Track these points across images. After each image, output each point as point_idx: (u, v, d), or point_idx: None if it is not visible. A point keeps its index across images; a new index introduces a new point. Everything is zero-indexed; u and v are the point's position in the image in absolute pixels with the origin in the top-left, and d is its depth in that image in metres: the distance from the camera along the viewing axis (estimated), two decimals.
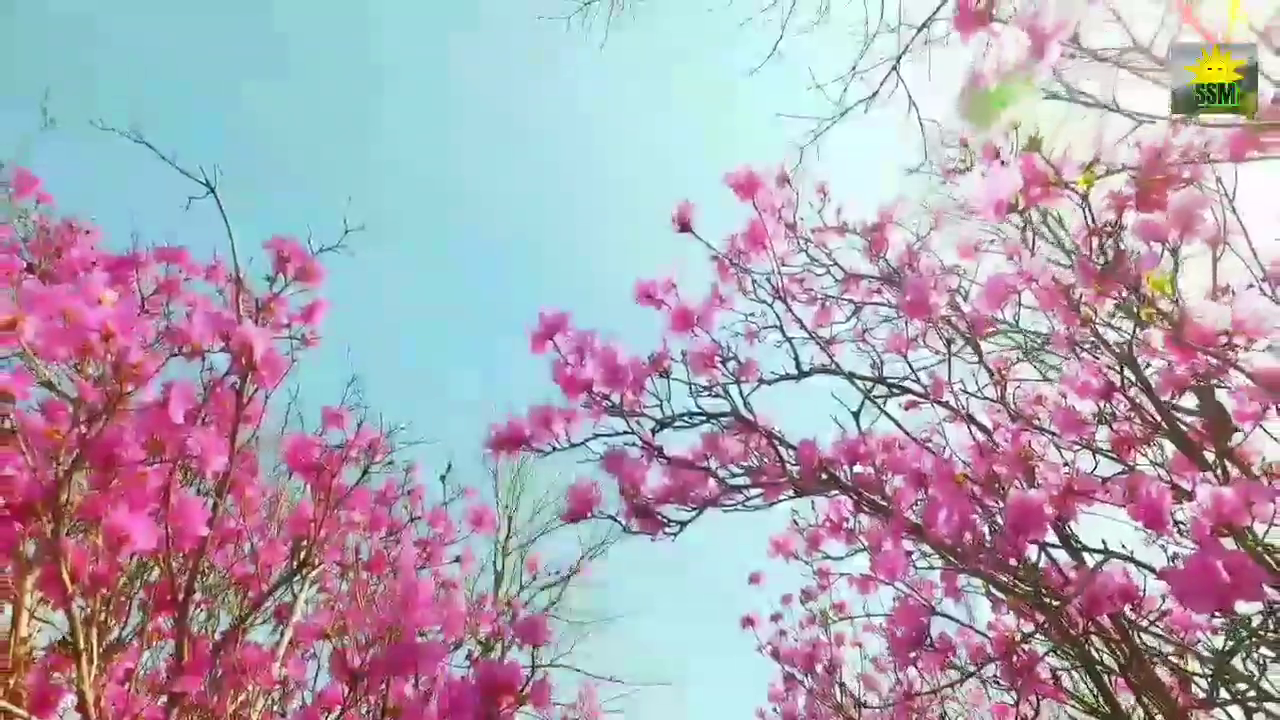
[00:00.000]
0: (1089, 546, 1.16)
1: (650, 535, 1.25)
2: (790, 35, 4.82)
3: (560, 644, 7.11)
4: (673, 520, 1.26)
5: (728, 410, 1.40)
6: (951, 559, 1.17)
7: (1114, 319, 1.13)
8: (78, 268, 1.77)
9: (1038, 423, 1.36)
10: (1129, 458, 1.27)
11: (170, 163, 1.39)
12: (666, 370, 1.38)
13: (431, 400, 10.68)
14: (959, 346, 1.51)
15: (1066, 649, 1.17)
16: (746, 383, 1.42)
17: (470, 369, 13.07)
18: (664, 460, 1.31)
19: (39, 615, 1.34)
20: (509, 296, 12.91)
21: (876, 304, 1.75)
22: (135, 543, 1.05)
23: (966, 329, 1.51)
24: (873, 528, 1.63)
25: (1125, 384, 1.19)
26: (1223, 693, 0.97)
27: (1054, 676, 1.17)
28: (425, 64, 14.69)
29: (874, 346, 1.67)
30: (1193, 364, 0.97)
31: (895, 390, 1.59)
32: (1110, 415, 1.22)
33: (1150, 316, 0.95)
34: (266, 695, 1.49)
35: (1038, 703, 1.19)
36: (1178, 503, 1.01)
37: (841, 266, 1.79)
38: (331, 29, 13.36)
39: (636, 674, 7.09)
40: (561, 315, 1.31)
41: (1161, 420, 1.19)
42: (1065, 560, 1.22)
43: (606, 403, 1.33)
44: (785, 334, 1.56)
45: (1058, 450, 1.33)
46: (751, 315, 1.65)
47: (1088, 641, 1.13)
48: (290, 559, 1.51)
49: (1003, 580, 1.17)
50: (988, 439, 1.32)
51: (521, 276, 14.19)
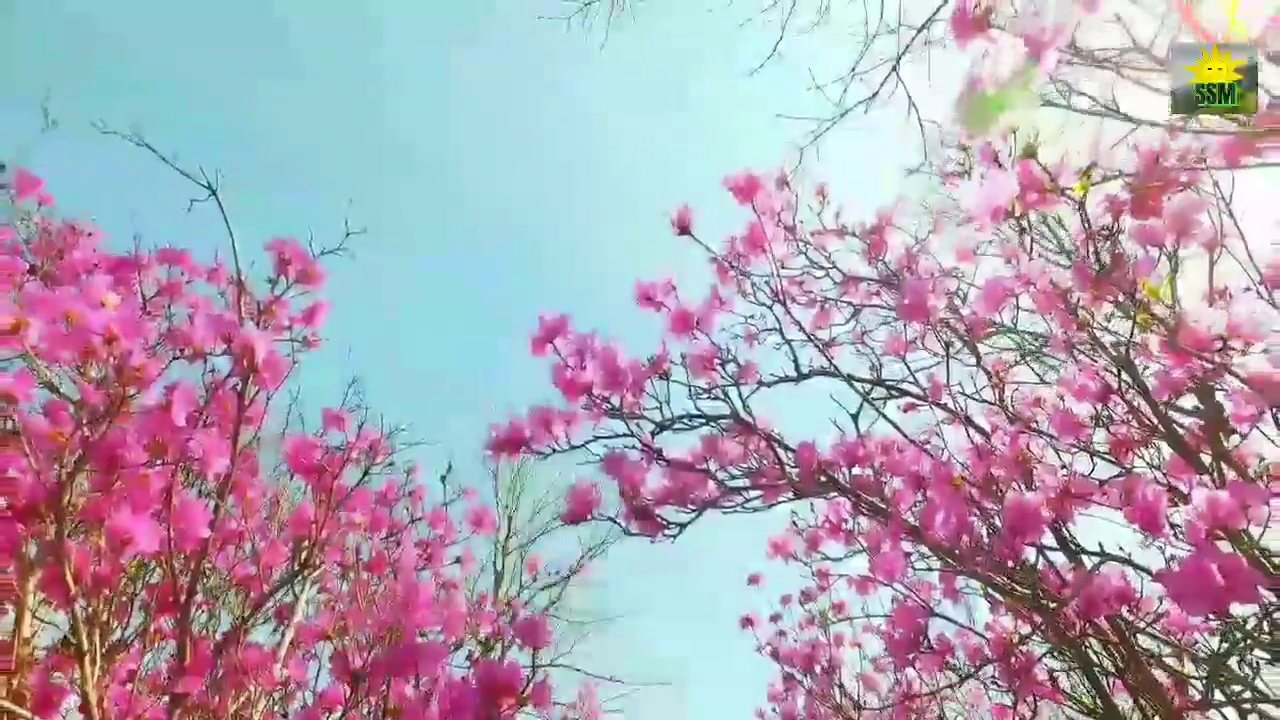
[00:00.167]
0: (1086, 549, 1.16)
1: (650, 537, 1.26)
2: (790, 36, 4.83)
3: (560, 644, 7.12)
4: (672, 522, 1.27)
5: (727, 412, 1.41)
6: (949, 561, 1.18)
7: (1110, 322, 1.14)
8: (80, 269, 1.78)
9: (1035, 425, 1.37)
10: (1126, 460, 1.27)
11: (172, 165, 1.40)
12: (666, 373, 1.38)
13: (432, 401, 10.69)
14: (957, 349, 1.51)
15: (1064, 650, 1.18)
16: (746, 385, 1.43)
17: (471, 369, 13.07)
18: (663, 462, 1.32)
19: (41, 616, 1.35)
20: (510, 297, 12.92)
21: (875, 306, 1.76)
22: (138, 545, 1.06)
23: (964, 331, 1.51)
24: (871, 529, 1.64)
25: (1122, 387, 1.20)
26: (1218, 694, 0.97)
27: (1051, 678, 1.18)
28: (427, 65, 14.70)
29: (873, 349, 1.68)
30: (1189, 368, 0.98)
31: (894, 392, 1.60)
32: (1107, 418, 1.23)
33: (1145, 322, 0.96)
34: (268, 696, 1.49)
35: (1035, 704, 1.20)
36: (1173, 505, 1.01)
37: (840, 269, 1.80)
38: (334, 29, 13.37)
39: (636, 674, 7.10)
40: (561, 318, 1.31)
41: (1158, 423, 1.19)
42: (1063, 562, 1.23)
43: (606, 405, 1.34)
44: (784, 336, 1.57)
45: (1055, 452, 1.34)
46: (751, 317, 1.66)
47: (1085, 643, 1.14)
48: (291, 560, 1.52)
49: (1000, 582, 1.18)
50: (986, 441, 1.33)
51: (522, 277, 14.21)
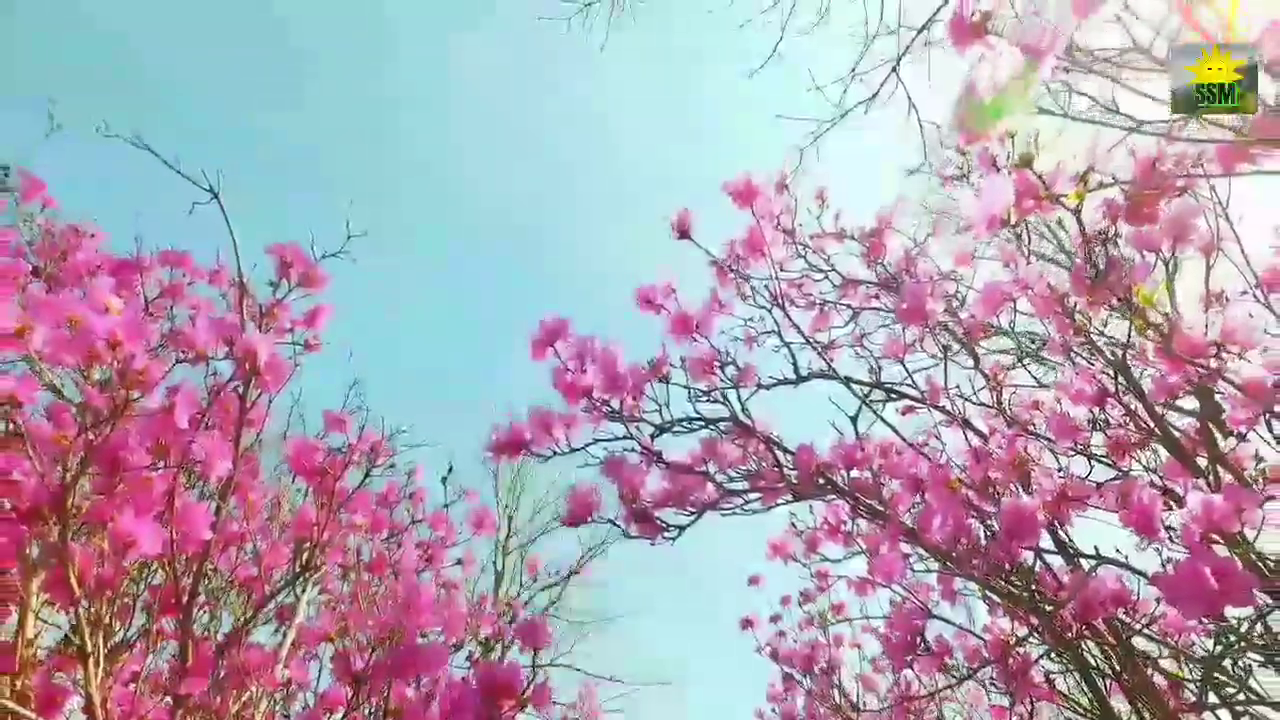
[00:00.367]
0: (1082, 552, 1.17)
1: (649, 539, 1.27)
2: (790, 37, 4.83)
3: (560, 644, 7.14)
4: (671, 524, 1.28)
5: (726, 415, 1.42)
6: (947, 563, 1.19)
7: (1107, 326, 1.15)
8: (82, 271, 1.79)
9: (1033, 428, 1.38)
10: (1123, 462, 1.28)
11: (174, 169, 1.41)
12: (666, 376, 1.39)
13: (433, 401, 10.70)
14: (955, 351, 1.52)
15: (1060, 652, 1.18)
16: (745, 388, 1.44)
17: (471, 370, 13.08)
18: (663, 465, 1.33)
19: (43, 617, 1.35)
20: (510, 298, 12.93)
21: (874, 309, 1.77)
22: (141, 547, 1.06)
23: (962, 334, 1.52)
24: (870, 531, 1.64)
25: (1119, 390, 1.20)
26: (1212, 696, 0.98)
27: (1048, 680, 1.18)
28: (429, 66, 14.70)
29: (871, 351, 1.69)
30: (1183, 374, 0.98)
31: (892, 395, 1.60)
32: (1104, 422, 1.23)
33: (1140, 328, 0.96)
34: (269, 697, 1.50)
35: (1032, 705, 1.21)
36: (1169, 509, 1.02)
37: (839, 272, 1.81)
38: (336, 30, 13.38)
39: (636, 674, 7.11)
40: (562, 322, 1.32)
41: (1154, 426, 1.20)
42: (1060, 565, 1.24)
43: (606, 408, 1.34)
44: (783, 339, 1.57)
45: (1053, 455, 1.35)
46: (750, 320, 1.67)
47: (1081, 645, 1.15)
48: (293, 562, 1.52)
49: (997, 584, 1.19)
50: (983, 444, 1.33)
51: (523, 278, 14.21)
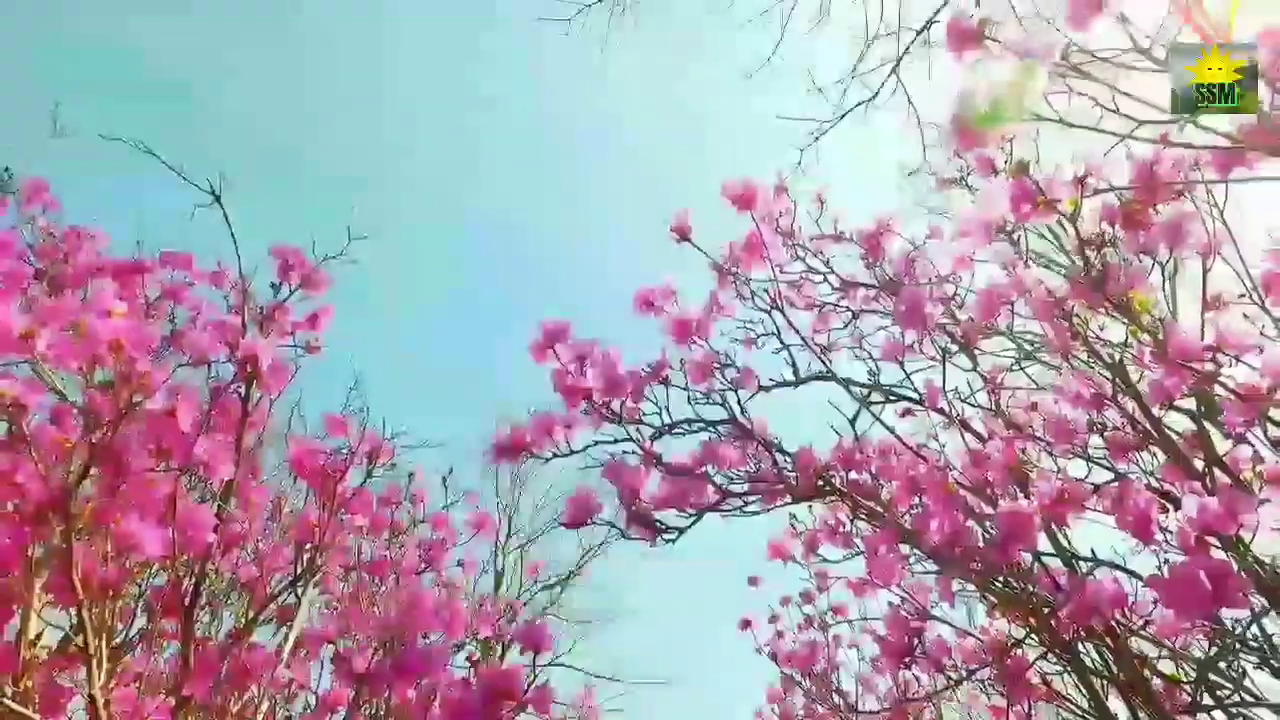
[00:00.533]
0: (1079, 554, 1.18)
1: (648, 542, 1.27)
2: (790, 39, 4.85)
3: (560, 643, 7.14)
4: (670, 527, 1.28)
5: (726, 417, 1.42)
6: (945, 566, 1.19)
7: (1104, 330, 1.15)
8: (84, 273, 1.79)
9: (1031, 430, 1.38)
10: (1121, 465, 1.29)
11: (178, 173, 1.41)
12: (666, 378, 1.40)
13: (433, 401, 10.70)
14: (953, 353, 1.52)
15: (1058, 654, 1.19)
16: (744, 390, 1.44)
17: (471, 370, 13.08)
18: (663, 467, 1.33)
19: (45, 618, 1.36)
20: (510, 298, 12.92)
21: (873, 311, 1.77)
22: (144, 549, 1.07)
23: (961, 336, 1.53)
24: (869, 533, 1.65)
25: (1117, 393, 1.21)
26: (1207, 698, 0.99)
27: (1045, 681, 1.19)
28: (430, 66, 14.69)
29: (870, 353, 1.69)
30: (1177, 380, 0.99)
31: (891, 397, 1.61)
32: (1101, 425, 1.24)
33: (1135, 333, 0.97)
34: (271, 697, 1.51)
35: (1029, 706, 1.21)
36: (1165, 511, 1.03)
37: (839, 274, 1.81)
38: (338, 31, 13.38)
39: (636, 674, 7.13)
40: (562, 324, 1.33)
41: (1152, 429, 1.21)
42: (1058, 566, 1.24)
43: (606, 410, 1.35)
44: (783, 341, 1.58)
45: (1051, 457, 1.35)
46: (749, 322, 1.67)
47: (1078, 647, 1.15)
48: (294, 563, 1.53)
49: (995, 586, 1.20)
50: (981, 446, 1.34)
51: (523, 279, 14.21)
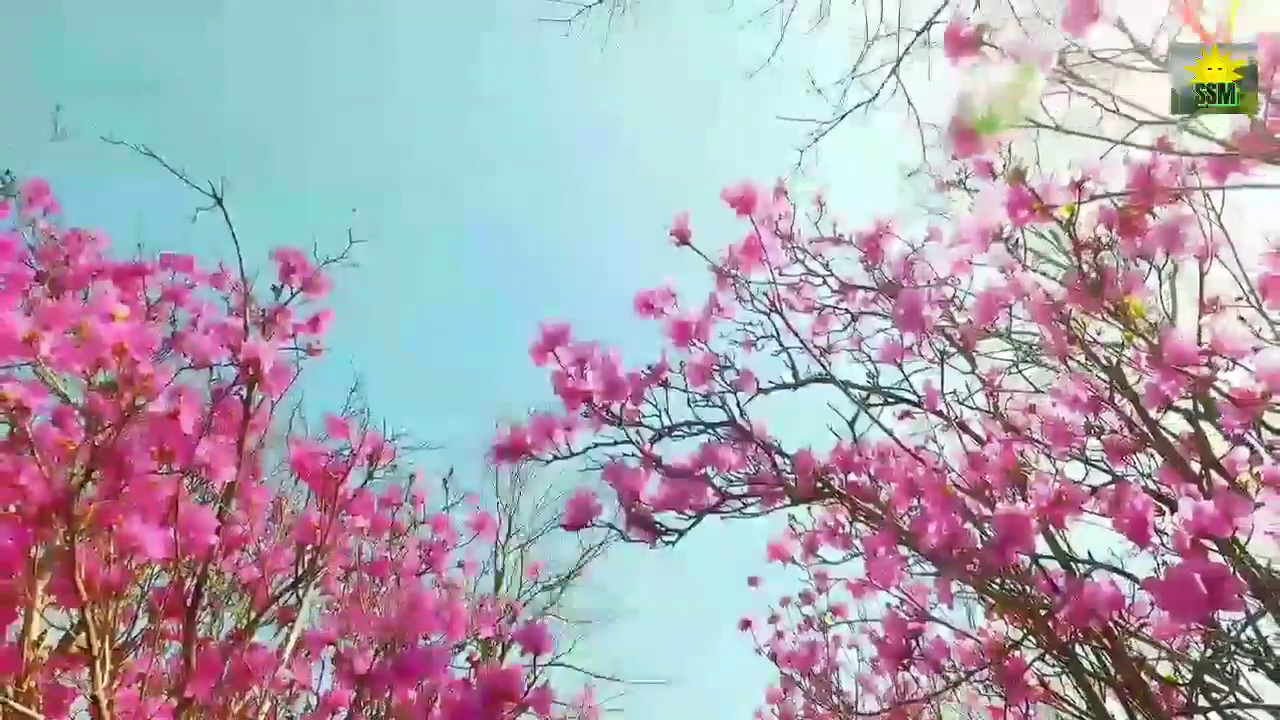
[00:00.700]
0: (1077, 556, 1.18)
1: (648, 544, 1.28)
2: (790, 39, 4.85)
3: (560, 644, 7.15)
4: (670, 529, 1.29)
5: (725, 420, 1.43)
6: (943, 567, 1.20)
7: (1101, 334, 1.16)
8: (85, 275, 1.80)
9: (1029, 433, 1.39)
10: (1119, 466, 1.29)
11: (179, 175, 1.42)
12: (665, 380, 1.40)
13: (434, 402, 10.70)
14: (952, 355, 1.53)
15: (1055, 655, 1.20)
16: (744, 392, 1.45)
17: (473, 372, 13.09)
18: (662, 469, 1.34)
19: (47, 619, 1.37)
20: (511, 299, 12.92)
21: (872, 314, 1.78)
22: (147, 551, 1.08)
23: (959, 339, 1.53)
24: (868, 534, 1.66)
25: (1113, 396, 1.22)
26: (1202, 699, 0.99)
27: (1042, 682, 1.20)
28: (431, 67, 14.70)
29: (869, 356, 1.70)
30: (1173, 384, 1.00)
31: (890, 400, 1.62)
32: (1099, 428, 1.25)
33: (1130, 338, 0.98)
34: (273, 698, 1.51)
35: (1027, 708, 1.22)
36: (1162, 514, 1.04)
37: (838, 277, 1.82)
38: (340, 31, 13.37)
39: (636, 674, 7.14)
40: (562, 327, 1.34)
41: (1149, 432, 1.21)
42: (1055, 568, 1.25)
43: (606, 412, 1.36)
44: (782, 344, 1.59)
45: (1049, 460, 1.36)
46: (749, 325, 1.68)
47: (1076, 648, 1.16)
48: (295, 564, 1.54)
49: (993, 588, 1.20)
50: (980, 449, 1.35)
51: (523, 277, 14.21)
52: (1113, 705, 1.20)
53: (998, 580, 1.16)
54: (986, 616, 1.66)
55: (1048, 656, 1.21)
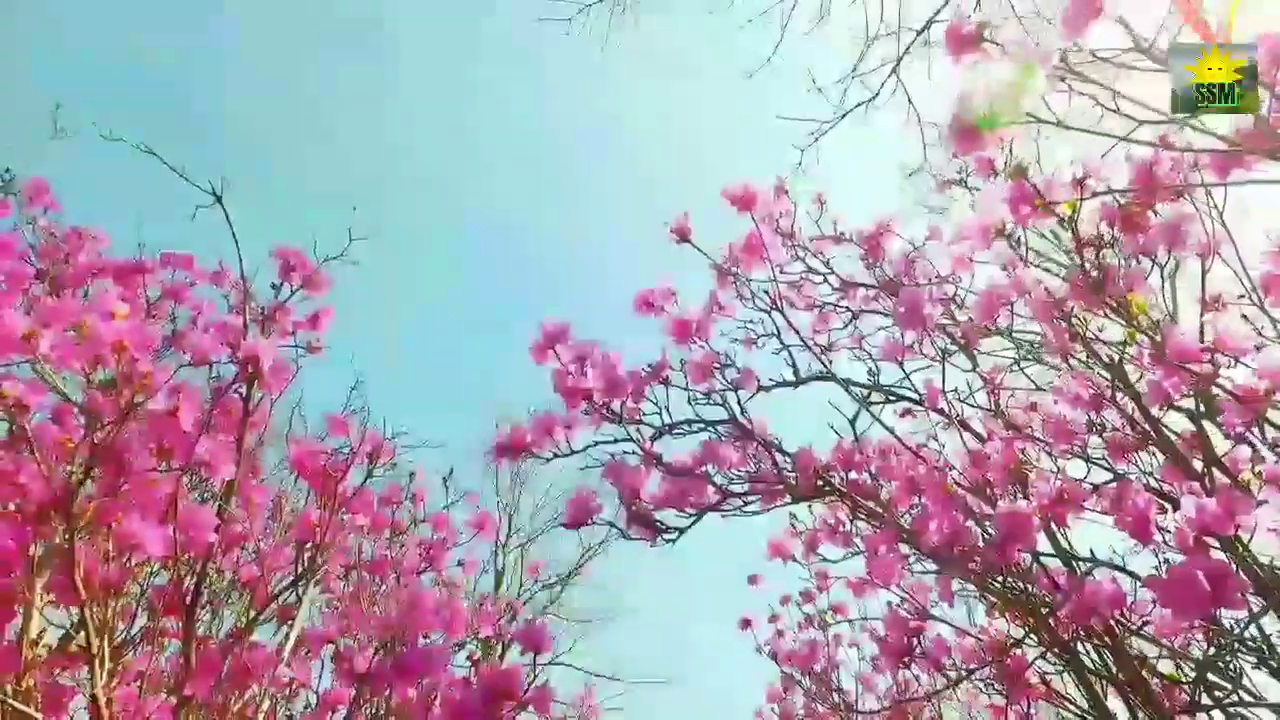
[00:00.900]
0: (1078, 554, 1.18)
1: (649, 542, 1.28)
2: (790, 39, 4.85)
3: (560, 643, 7.15)
4: (670, 527, 1.29)
5: (726, 417, 1.43)
6: (944, 565, 1.20)
7: (1103, 331, 1.16)
8: (85, 274, 1.80)
9: (1030, 431, 1.39)
10: (1121, 464, 1.29)
11: (179, 173, 1.42)
12: (666, 378, 1.40)
13: (434, 401, 10.70)
14: (953, 353, 1.53)
15: (1057, 654, 1.20)
16: (744, 390, 1.45)
17: (473, 370, 13.08)
18: (663, 467, 1.34)
19: (46, 617, 1.37)
20: (511, 299, 12.91)
21: (873, 312, 1.78)
22: (146, 549, 1.08)
23: (960, 337, 1.53)
24: (869, 532, 1.65)
25: (1115, 394, 1.21)
26: (1205, 698, 0.99)
27: (1043, 681, 1.19)
28: (432, 67, 14.68)
29: (870, 354, 1.70)
30: (1175, 382, 0.99)
31: (891, 398, 1.61)
32: (1100, 426, 1.24)
33: (1133, 335, 0.97)
34: (272, 697, 1.51)
35: (1028, 706, 1.22)
36: (1164, 512, 1.03)
37: (839, 274, 1.82)
38: (341, 32, 13.36)
39: (636, 674, 7.14)
40: (562, 325, 1.34)
41: (1151, 430, 1.21)
42: (1057, 566, 1.25)
43: (606, 410, 1.35)
44: (783, 342, 1.58)
45: (1050, 458, 1.36)
46: (749, 323, 1.67)
47: (1077, 647, 1.16)
48: (295, 563, 1.54)
49: (994, 586, 1.20)
50: (981, 447, 1.34)
51: (523, 278, 14.20)
52: (1114, 704, 1.20)
53: (999, 578, 1.16)
54: (988, 615, 1.66)
55: (1049, 655, 1.20)
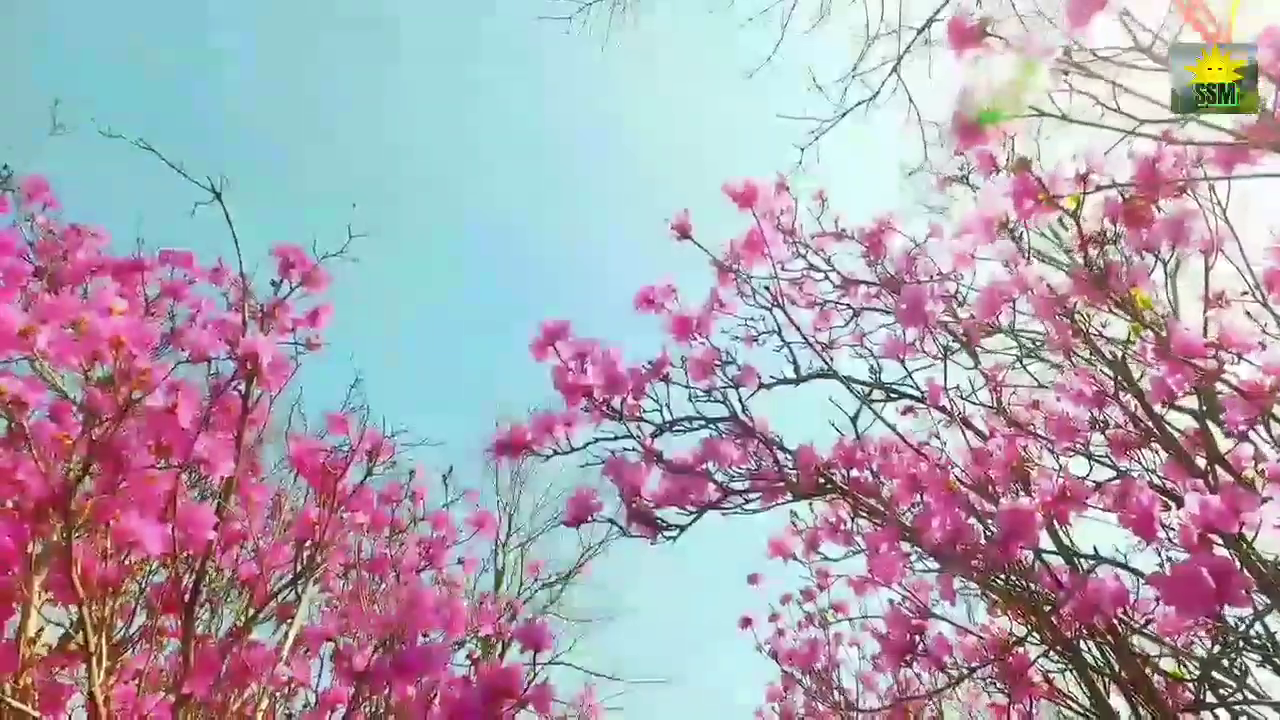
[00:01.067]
0: (1081, 552, 1.18)
1: (649, 539, 1.27)
2: (790, 38, 4.84)
3: (560, 642, 7.15)
4: (671, 524, 1.28)
5: (727, 415, 1.42)
6: (946, 563, 1.19)
7: (1106, 327, 1.15)
8: (84, 271, 1.80)
9: (1033, 428, 1.38)
10: (1123, 463, 1.29)
11: (178, 170, 1.41)
12: (666, 376, 1.40)
13: (433, 399, 10.69)
14: (955, 351, 1.52)
15: (1059, 652, 1.19)
16: (745, 387, 1.44)
17: (473, 368, 13.08)
18: (663, 465, 1.33)
19: (44, 615, 1.36)
20: (512, 297, 12.90)
21: (875, 309, 1.77)
22: (145, 547, 1.07)
23: (962, 334, 1.53)
24: (870, 530, 1.65)
25: (1118, 391, 1.21)
26: (1209, 695, 0.99)
27: (1046, 679, 1.19)
28: (433, 67, 14.67)
29: (871, 351, 1.69)
30: (1179, 377, 0.99)
31: (892, 395, 1.61)
32: (1103, 423, 1.24)
33: (1137, 330, 0.97)
34: (271, 695, 1.51)
35: (1030, 704, 1.21)
36: (1167, 509, 1.03)
37: (840, 272, 1.81)
38: (342, 32, 13.35)
39: (636, 673, 7.14)
40: (562, 323, 1.33)
41: (1154, 427, 1.21)
42: (1059, 564, 1.24)
43: (607, 408, 1.35)
44: (784, 339, 1.58)
45: (1052, 455, 1.35)
46: (750, 320, 1.67)
47: (1080, 645, 1.15)
48: (294, 561, 1.53)
49: (996, 584, 1.20)
50: (983, 444, 1.34)
51: (523, 277, 14.20)
52: (1117, 702, 1.19)
53: (1001, 576, 1.15)
54: (989, 613, 1.65)
55: (1051, 653, 1.20)
